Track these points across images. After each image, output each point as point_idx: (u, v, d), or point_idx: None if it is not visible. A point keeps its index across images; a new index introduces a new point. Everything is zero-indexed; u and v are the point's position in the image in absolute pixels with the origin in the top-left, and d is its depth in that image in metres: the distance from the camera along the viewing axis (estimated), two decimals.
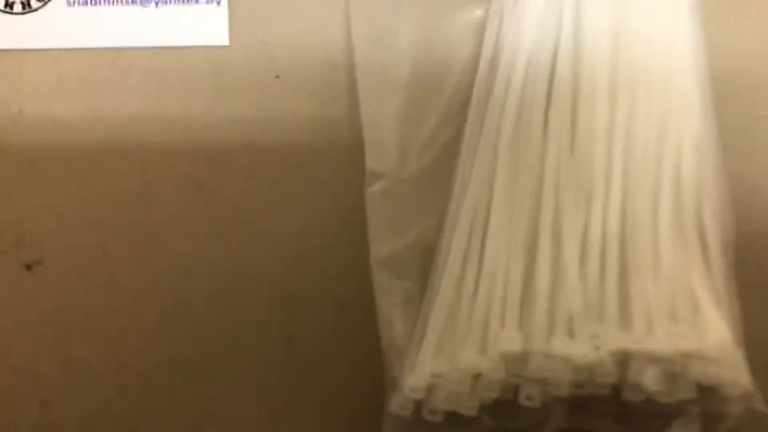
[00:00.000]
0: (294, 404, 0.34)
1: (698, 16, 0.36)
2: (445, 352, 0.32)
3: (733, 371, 0.32)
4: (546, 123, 0.35)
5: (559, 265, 0.33)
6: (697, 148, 0.35)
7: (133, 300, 0.35)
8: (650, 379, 0.31)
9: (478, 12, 0.37)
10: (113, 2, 0.37)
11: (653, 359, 0.31)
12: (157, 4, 0.37)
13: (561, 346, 0.31)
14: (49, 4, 0.37)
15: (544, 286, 0.32)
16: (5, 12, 0.37)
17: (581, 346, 0.31)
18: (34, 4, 0.37)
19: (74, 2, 0.37)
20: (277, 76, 0.37)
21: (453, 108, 0.36)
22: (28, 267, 0.36)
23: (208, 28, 0.37)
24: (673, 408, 0.33)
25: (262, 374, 0.35)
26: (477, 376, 0.32)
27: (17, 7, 0.37)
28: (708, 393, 0.32)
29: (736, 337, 0.33)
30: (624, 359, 0.32)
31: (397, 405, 0.31)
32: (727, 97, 0.38)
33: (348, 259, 0.35)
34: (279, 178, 0.36)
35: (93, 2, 0.37)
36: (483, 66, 0.36)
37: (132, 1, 0.37)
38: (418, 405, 0.32)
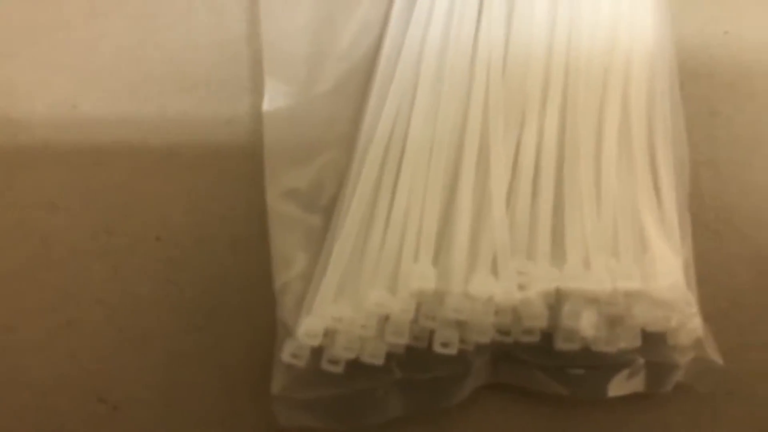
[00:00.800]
0: (180, 354, 0.32)
1: None
2: (349, 292, 0.29)
3: (683, 315, 0.29)
4: (477, 33, 0.31)
5: (484, 194, 0.30)
6: (650, 63, 0.32)
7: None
8: (586, 324, 0.29)
9: None
10: None
11: (590, 300, 0.29)
12: None
13: (482, 284, 0.28)
14: None
15: (465, 217, 0.29)
16: None
17: (506, 284, 0.28)
18: None
19: None
20: None
21: (372, 16, 0.32)
22: None
23: None
24: (615, 360, 0.30)
25: (146, 321, 0.32)
26: (385, 319, 0.29)
27: None
28: (654, 341, 0.30)
29: (687, 278, 0.30)
30: (556, 300, 0.29)
31: (289, 353, 0.28)
32: (685, 12, 0.35)
33: (243, 196, 0.32)
34: (168, 105, 0.33)
35: None
36: None
37: None
38: (316, 354, 0.29)
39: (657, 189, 0.31)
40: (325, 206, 0.31)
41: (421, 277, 0.28)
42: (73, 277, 0.32)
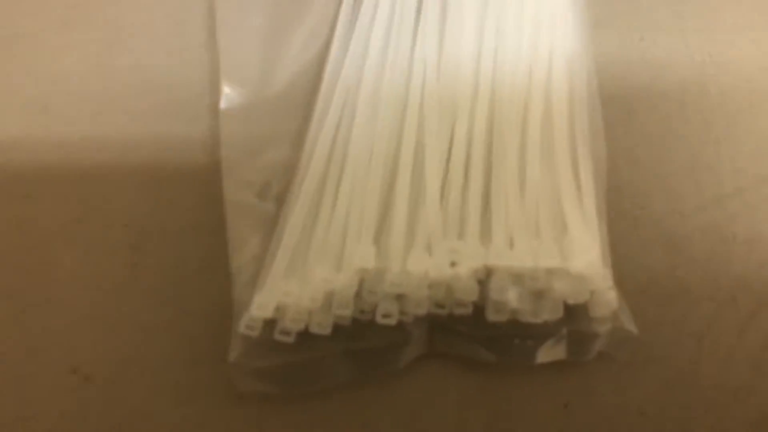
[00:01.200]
0: (146, 328, 0.33)
1: None
2: (298, 270, 0.31)
3: (599, 288, 0.31)
4: (415, 35, 0.34)
5: (420, 184, 0.32)
6: (569, 65, 0.34)
7: None
8: (513, 297, 0.31)
9: None
10: None
11: (515, 276, 0.31)
12: None
13: (418, 261, 0.30)
14: None
15: (403, 203, 0.31)
16: None
17: (439, 261, 0.30)
18: None
19: None
20: None
21: (320, 25, 0.35)
22: None
23: None
24: (541, 330, 0.32)
25: (115, 299, 0.33)
26: (331, 294, 0.30)
27: None
28: (576, 313, 0.32)
29: (604, 258, 0.32)
30: (485, 276, 0.31)
31: (244, 325, 0.30)
32: (604, 20, 0.38)
33: (200, 186, 0.34)
34: (134, 105, 0.35)
35: None
36: None
37: None
38: (269, 326, 0.30)
39: (577, 179, 0.33)
40: (276, 195, 0.33)
41: (363, 255, 0.30)
42: (48, 261, 0.33)
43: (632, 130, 0.37)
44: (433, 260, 0.30)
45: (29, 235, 0.34)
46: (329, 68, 0.34)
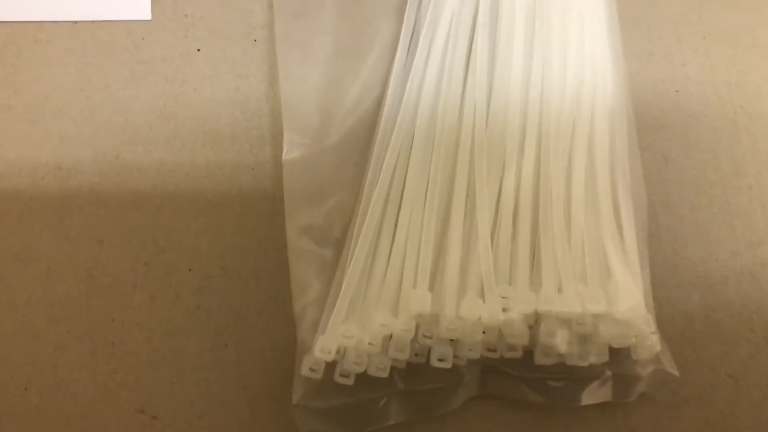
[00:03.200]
0: (210, 369, 0.34)
1: None
2: (358, 314, 0.32)
3: (642, 333, 0.32)
4: (463, 94, 0.35)
5: (471, 229, 0.33)
6: (610, 117, 0.36)
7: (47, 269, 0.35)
8: (561, 341, 0.32)
9: None
10: None
11: (563, 321, 0.32)
12: None
13: (471, 307, 0.31)
14: None
15: (456, 250, 0.33)
16: None
17: (491, 307, 0.31)
18: None
19: None
20: (198, 50, 0.37)
21: (373, 79, 0.36)
22: None
23: (132, 2, 0.37)
24: (587, 372, 0.33)
25: (179, 342, 0.34)
26: (389, 338, 0.32)
27: None
28: (620, 356, 0.33)
29: (646, 301, 0.33)
30: (535, 321, 0.32)
31: (307, 367, 0.31)
32: (641, 73, 0.39)
33: (265, 232, 0.35)
34: (198, 155, 0.36)
35: None
36: (403, 41, 0.36)
37: None
38: (330, 369, 0.32)
39: (619, 226, 0.34)
40: (335, 241, 0.34)
41: (419, 301, 0.31)
42: (117, 304, 0.34)
43: (669, 178, 0.38)
44: (486, 306, 0.31)
45: (100, 279, 0.35)
46: (384, 118, 0.35)
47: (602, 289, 0.32)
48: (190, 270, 0.35)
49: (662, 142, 0.38)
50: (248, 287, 0.35)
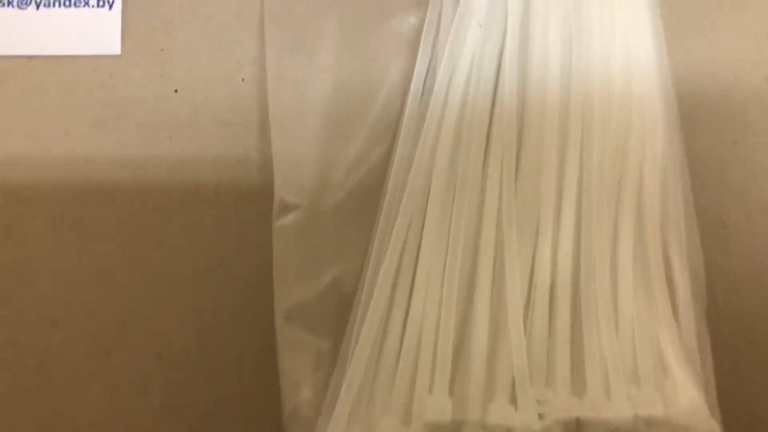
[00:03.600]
0: None
1: (661, 32, 0.34)
2: (361, 421, 0.28)
3: None
4: (488, 147, 0.31)
5: (499, 316, 0.29)
6: (661, 175, 0.31)
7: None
8: None
9: (412, 20, 0.33)
10: None
11: (612, 429, 0.28)
12: (38, 6, 0.33)
13: (500, 414, 0.27)
14: None
15: (482, 342, 0.28)
16: None
17: (525, 413, 0.27)
18: None
19: None
20: (176, 91, 0.33)
21: (380, 129, 0.32)
22: None
23: (98, 35, 0.33)
24: None
25: None
26: None
27: None
28: None
29: (708, 401, 0.29)
30: (576, 428, 0.28)
31: None
32: (694, 119, 0.35)
33: (250, 311, 0.31)
34: (175, 219, 0.32)
35: None
36: (417, 81, 0.32)
37: (8, 3, 0.33)
38: None
39: (674, 306, 0.30)
40: (333, 328, 0.30)
41: (437, 409, 0.27)
42: (70, 400, 0.31)
43: (728, 245, 0.33)
44: (518, 413, 0.27)
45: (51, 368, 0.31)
46: (393, 173, 0.31)
47: (657, 390, 0.28)
48: (160, 357, 0.31)
49: (719, 200, 0.34)
50: (229, 379, 0.30)
